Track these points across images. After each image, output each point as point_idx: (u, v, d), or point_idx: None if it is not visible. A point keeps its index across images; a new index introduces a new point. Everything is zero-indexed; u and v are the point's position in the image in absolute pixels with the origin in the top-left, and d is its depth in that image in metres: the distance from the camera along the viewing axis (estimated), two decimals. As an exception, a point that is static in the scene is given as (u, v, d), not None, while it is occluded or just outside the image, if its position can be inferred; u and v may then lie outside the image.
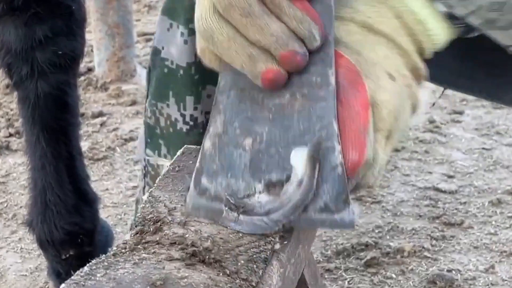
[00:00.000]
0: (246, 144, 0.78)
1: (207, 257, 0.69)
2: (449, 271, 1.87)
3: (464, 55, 1.19)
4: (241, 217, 0.77)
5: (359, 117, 0.78)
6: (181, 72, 1.42)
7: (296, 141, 0.77)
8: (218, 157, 0.78)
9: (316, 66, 0.78)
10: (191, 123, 1.44)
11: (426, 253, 1.94)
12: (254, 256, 0.71)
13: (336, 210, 0.75)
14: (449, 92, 2.78)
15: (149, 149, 1.51)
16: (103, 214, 2.00)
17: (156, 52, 1.45)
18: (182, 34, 1.39)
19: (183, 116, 1.43)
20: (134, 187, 2.23)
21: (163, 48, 1.42)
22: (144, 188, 1.56)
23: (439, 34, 0.85)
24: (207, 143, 0.79)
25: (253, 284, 0.68)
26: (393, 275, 1.87)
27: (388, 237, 2.00)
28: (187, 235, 0.73)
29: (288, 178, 0.77)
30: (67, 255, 1.64)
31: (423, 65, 0.86)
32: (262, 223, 0.76)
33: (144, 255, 0.70)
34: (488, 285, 1.84)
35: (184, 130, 1.44)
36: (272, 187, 0.78)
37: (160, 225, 0.76)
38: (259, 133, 0.78)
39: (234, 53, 0.76)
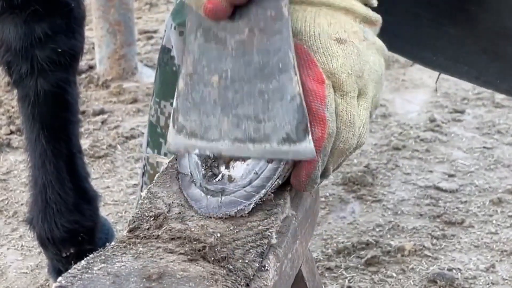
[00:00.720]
0: (214, 81, 0.82)
1: (204, 250, 0.69)
2: (449, 270, 1.87)
3: (466, 40, 1.21)
4: (224, 198, 0.80)
5: (314, 94, 0.81)
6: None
7: (257, 74, 0.81)
8: (190, 96, 0.83)
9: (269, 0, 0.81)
10: None
11: (426, 252, 1.93)
12: (251, 250, 0.72)
13: (297, 139, 0.79)
14: (450, 91, 2.78)
15: (149, 147, 1.52)
16: (103, 212, 2.01)
17: (165, 50, 1.46)
18: (180, 33, 1.40)
19: None
20: (135, 185, 2.23)
21: (172, 47, 1.43)
22: (142, 186, 1.56)
23: None
24: (180, 83, 0.84)
25: (250, 277, 0.68)
26: (394, 274, 1.86)
27: (388, 235, 2.00)
28: (184, 230, 0.74)
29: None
30: (68, 253, 1.64)
31: (373, 12, 0.89)
32: (245, 193, 0.80)
33: (141, 249, 0.70)
34: (488, 284, 1.83)
35: None
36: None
37: (158, 221, 0.76)
38: (224, 70, 0.82)
39: None
